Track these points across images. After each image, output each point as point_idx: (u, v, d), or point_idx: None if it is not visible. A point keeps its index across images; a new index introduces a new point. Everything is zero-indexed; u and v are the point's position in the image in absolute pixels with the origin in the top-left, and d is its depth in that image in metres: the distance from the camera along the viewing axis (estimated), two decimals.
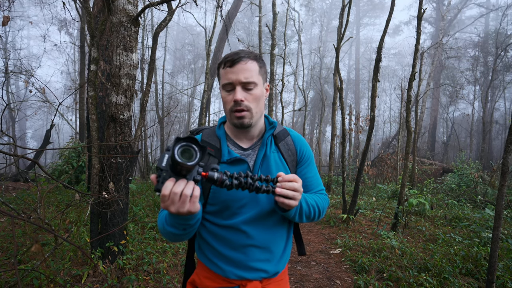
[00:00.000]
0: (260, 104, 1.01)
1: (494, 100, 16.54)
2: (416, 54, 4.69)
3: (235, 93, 0.96)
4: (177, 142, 0.73)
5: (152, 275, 3.00)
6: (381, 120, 23.10)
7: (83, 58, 10.39)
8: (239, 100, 0.95)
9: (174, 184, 0.74)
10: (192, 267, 1.15)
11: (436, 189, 9.03)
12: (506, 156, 2.37)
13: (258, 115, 1.01)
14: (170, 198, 0.74)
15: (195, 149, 0.74)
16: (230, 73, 0.96)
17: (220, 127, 1.09)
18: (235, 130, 1.05)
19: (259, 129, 1.07)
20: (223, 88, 0.99)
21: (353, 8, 26.23)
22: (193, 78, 24.13)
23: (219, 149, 1.02)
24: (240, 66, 0.95)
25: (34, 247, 1.47)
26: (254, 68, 0.98)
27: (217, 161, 1.01)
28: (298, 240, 1.18)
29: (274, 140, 1.08)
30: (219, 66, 1.01)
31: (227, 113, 1.01)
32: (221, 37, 12.03)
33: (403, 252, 3.62)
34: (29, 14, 15.40)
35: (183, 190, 0.74)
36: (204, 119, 10.24)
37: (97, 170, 2.87)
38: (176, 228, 0.89)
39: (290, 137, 1.12)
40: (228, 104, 0.98)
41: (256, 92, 0.98)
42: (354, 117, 13.82)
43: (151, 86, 4.03)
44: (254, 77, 0.97)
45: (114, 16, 2.83)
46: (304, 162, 1.12)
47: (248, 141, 1.07)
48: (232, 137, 1.07)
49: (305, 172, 1.11)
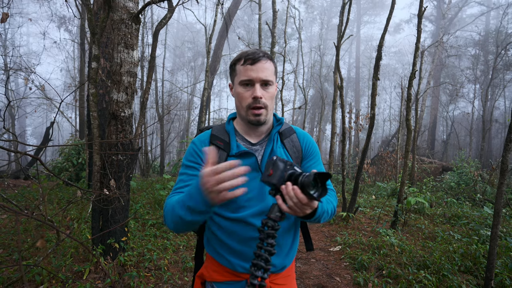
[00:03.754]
0: (273, 102, 1.06)
1: (494, 98, 16.54)
2: (417, 53, 4.69)
3: (255, 90, 0.99)
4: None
5: (153, 271, 3.02)
6: (381, 119, 23.12)
7: (83, 55, 10.37)
8: (259, 97, 0.98)
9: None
10: (201, 261, 1.17)
11: (436, 187, 9.05)
12: (506, 155, 2.38)
13: (271, 112, 1.06)
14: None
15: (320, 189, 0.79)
16: (250, 71, 0.99)
17: (230, 123, 1.12)
18: (246, 126, 1.08)
19: (268, 126, 1.10)
20: (240, 84, 1.01)
21: (353, 6, 26.16)
22: (193, 75, 24.09)
23: (228, 143, 1.05)
24: (260, 65, 0.99)
25: (40, 243, 1.48)
26: (271, 68, 1.03)
27: (226, 154, 1.04)
28: (306, 235, 1.19)
29: (280, 137, 1.11)
30: (236, 63, 1.03)
31: (242, 109, 1.03)
32: (221, 34, 12.01)
33: (403, 250, 3.64)
34: (28, 11, 15.33)
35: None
36: (204, 117, 10.23)
37: (99, 167, 2.88)
38: (194, 213, 0.84)
39: (296, 134, 1.15)
40: (246, 100, 1.01)
41: (272, 91, 1.03)
42: (354, 115, 13.81)
43: (151, 84, 4.03)
44: (271, 76, 1.02)
45: (115, 14, 2.82)
46: (309, 156, 1.14)
47: (257, 137, 1.10)
48: (242, 132, 1.10)
49: (310, 165, 1.13)
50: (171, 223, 0.93)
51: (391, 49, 28.51)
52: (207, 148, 0.80)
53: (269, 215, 0.79)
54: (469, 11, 23.29)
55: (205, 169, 0.77)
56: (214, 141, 1.06)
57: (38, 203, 1.95)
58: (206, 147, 0.99)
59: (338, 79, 8.50)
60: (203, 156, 1.04)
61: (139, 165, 11.83)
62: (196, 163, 1.04)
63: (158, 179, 8.90)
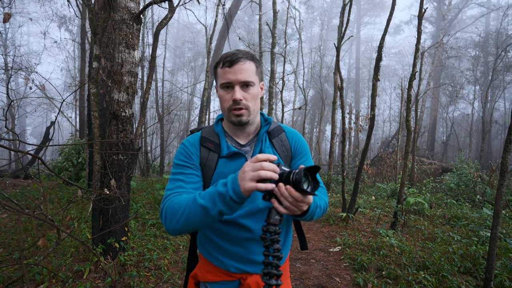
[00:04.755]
0: (257, 103, 1.05)
1: (494, 100, 16.56)
2: (417, 54, 4.70)
3: (234, 92, 0.99)
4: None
5: (153, 271, 3.03)
6: (381, 119, 23.13)
7: (83, 55, 10.36)
8: (238, 100, 0.98)
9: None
10: (194, 261, 1.17)
11: (435, 189, 9.06)
12: (505, 156, 2.39)
13: (255, 112, 1.05)
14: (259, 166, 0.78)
15: (312, 183, 0.79)
16: (228, 73, 0.99)
17: (218, 124, 1.12)
18: (233, 127, 1.08)
19: (255, 126, 1.10)
20: (221, 87, 1.02)
21: (353, 7, 26.20)
22: (193, 76, 24.11)
23: (218, 145, 1.05)
24: (238, 67, 0.98)
25: (41, 241, 1.49)
26: (252, 68, 1.01)
27: (217, 156, 1.04)
28: (300, 235, 1.20)
29: (268, 137, 1.11)
30: (217, 66, 1.04)
31: (225, 111, 1.03)
32: (221, 35, 12.01)
33: (402, 251, 3.64)
34: (29, 11, 15.33)
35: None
36: (204, 117, 10.24)
37: (99, 167, 2.89)
38: (226, 206, 0.83)
39: (284, 133, 1.14)
40: (227, 103, 1.01)
41: (253, 91, 1.02)
42: (354, 116, 13.83)
43: (151, 84, 4.04)
44: (252, 77, 1.00)
45: (116, 14, 2.83)
46: (299, 154, 1.14)
47: (245, 138, 1.10)
48: (230, 133, 1.10)
49: (301, 163, 1.13)
50: (182, 221, 0.88)
51: (391, 50, 28.54)
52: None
53: (268, 220, 0.78)
54: (469, 13, 23.34)
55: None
56: (205, 143, 1.06)
57: (39, 203, 1.95)
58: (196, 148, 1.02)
59: (338, 79, 8.51)
60: (195, 158, 1.05)
61: (139, 165, 11.83)
62: (190, 163, 1.04)
63: (158, 179, 8.90)
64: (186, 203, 0.89)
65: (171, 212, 0.91)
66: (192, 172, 1.03)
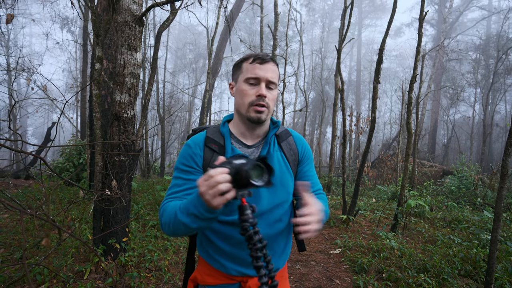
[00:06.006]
0: (274, 105, 1.07)
1: (495, 103, 16.56)
2: (418, 56, 4.71)
3: (260, 88, 1.01)
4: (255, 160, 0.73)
5: (153, 272, 3.03)
6: (381, 122, 23.11)
7: (85, 56, 10.41)
8: (264, 96, 1.00)
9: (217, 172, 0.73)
10: (193, 264, 1.16)
11: (436, 191, 9.04)
12: (506, 159, 2.39)
13: (271, 114, 1.07)
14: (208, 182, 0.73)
15: (267, 173, 0.73)
16: (258, 69, 1.01)
17: (225, 125, 1.10)
18: (244, 126, 1.07)
19: (265, 128, 1.11)
20: (245, 82, 1.03)
21: (354, 10, 26.25)
22: (194, 77, 24.16)
23: (223, 146, 1.05)
24: (268, 66, 1.02)
25: (45, 241, 1.50)
26: (277, 72, 1.06)
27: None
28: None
29: (277, 140, 1.11)
30: (243, 61, 1.05)
31: (244, 106, 1.02)
32: (223, 37, 12.06)
33: (402, 253, 3.64)
34: (31, 12, 15.42)
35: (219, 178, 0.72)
36: (205, 119, 10.27)
37: (101, 167, 2.90)
38: (197, 219, 0.82)
39: (292, 137, 1.15)
40: (249, 98, 1.01)
41: (275, 93, 1.05)
42: (355, 118, 13.84)
43: (153, 85, 4.06)
44: (276, 80, 1.05)
45: (119, 16, 2.85)
46: (305, 161, 1.15)
47: (253, 139, 1.09)
48: (237, 134, 1.09)
49: (306, 170, 1.15)
50: (172, 230, 0.90)
51: (392, 53, 28.56)
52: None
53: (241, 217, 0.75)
54: (470, 16, 23.38)
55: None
56: (209, 143, 1.05)
57: (41, 203, 1.97)
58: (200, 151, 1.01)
59: (339, 82, 8.53)
60: (198, 160, 1.03)
61: (140, 166, 11.84)
62: (191, 167, 1.03)
63: (159, 180, 8.91)
64: (171, 215, 0.89)
65: (164, 220, 0.93)
66: (190, 177, 1.01)
